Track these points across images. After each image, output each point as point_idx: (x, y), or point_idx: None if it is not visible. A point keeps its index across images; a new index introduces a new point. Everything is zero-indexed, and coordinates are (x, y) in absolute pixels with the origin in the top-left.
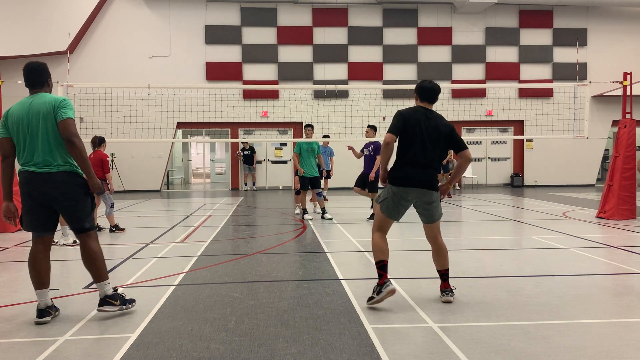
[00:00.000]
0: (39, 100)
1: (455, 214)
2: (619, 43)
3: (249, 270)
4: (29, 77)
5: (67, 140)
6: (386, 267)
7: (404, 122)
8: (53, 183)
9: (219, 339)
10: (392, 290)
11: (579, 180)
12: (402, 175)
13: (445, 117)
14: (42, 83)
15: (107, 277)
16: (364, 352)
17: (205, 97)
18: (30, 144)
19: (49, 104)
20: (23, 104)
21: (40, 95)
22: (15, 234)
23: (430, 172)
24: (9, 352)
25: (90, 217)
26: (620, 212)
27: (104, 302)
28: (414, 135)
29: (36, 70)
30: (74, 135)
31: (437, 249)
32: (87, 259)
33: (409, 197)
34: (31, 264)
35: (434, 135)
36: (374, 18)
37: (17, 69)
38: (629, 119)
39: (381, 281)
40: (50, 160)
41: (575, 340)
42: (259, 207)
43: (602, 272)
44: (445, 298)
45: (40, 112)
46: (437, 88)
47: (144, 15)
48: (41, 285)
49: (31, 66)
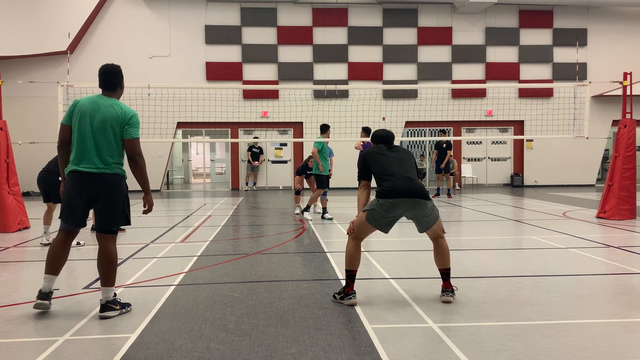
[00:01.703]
0: (109, 103)
1: (455, 214)
2: (619, 43)
3: (249, 270)
4: (104, 79)
5: (132, 158)
6: (354, 277)
7: (368, 162)
8: (104, 183)
9: (219, 339)
10: (353, 303)
11: (579, 180)
12: (389, 187)
13: (445, 117)
14: (113, 86)
15: (115, 283)
16: (364, 352)
17: (205, 97)
18: (88, 142)
19: (119, 112)
20: (93, 101)
21: (111, 99)
22: (15, 234)
23: (416, 182)
24: (9, 352)
25: (123, 220)
26: (620, 212)
27: (105, 307)
28: (385, 160)
29: (111, 73)
30: (139, 154)
31: (437, 247)
32: (104, 261)
33: (398, 211)
34: (54, 250)
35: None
36: (374, 18)
37: (17, 69)
38: (629, 119)
39: (347, 290)
40: (106, 160)
41: (575, 340)
42: (259, 207)
43: (602, 272)
44: (445, 298)
45: (108, 116)
46: (391, 135)
47: (144, 15)
48: (54, 271)
49: (107, 68)
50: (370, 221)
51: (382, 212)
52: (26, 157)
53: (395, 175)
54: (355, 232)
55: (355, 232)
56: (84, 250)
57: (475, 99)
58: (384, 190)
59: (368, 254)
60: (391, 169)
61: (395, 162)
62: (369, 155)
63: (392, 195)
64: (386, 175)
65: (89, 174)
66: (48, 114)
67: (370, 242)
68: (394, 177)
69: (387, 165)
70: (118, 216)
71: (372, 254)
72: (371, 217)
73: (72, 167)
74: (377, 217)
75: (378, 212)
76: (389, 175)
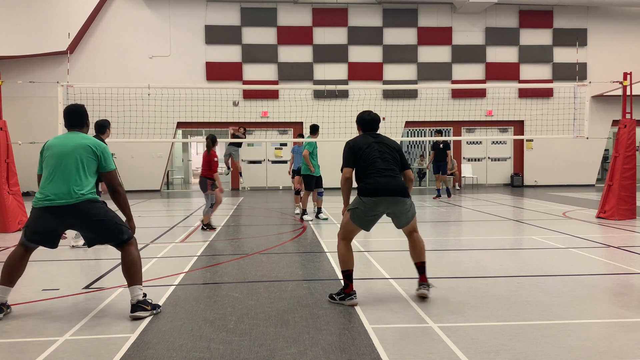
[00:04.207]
0: (78, 136)
1: (455, 214)
2: (619, 43)
3: (249, 270)
4: (69, 118)
5: (114, 189)
6: (352, 276)
7: (354, 151)
8: (81, 212)
9: (219, 339)
10: (354, 303)
11: (579, 180)
12: (371, 185)
13: (445, 117)
14: (80, 123)
15: (142, 281)
16: (364, 352)
17: (205, 97)
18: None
19: (90, 143)
20: (61, 137)
21: (80, 133)
22: (16, 234)
23: (398, 179)
24: (9, 352)
25: (124, 227)
26: (620, 212)
27: (137, 307)
28: (370, 153)
29: (76, 112)
30: (119, 184)
31: (413, 242)
32: (129, 266)
33: (380, 208)
34: (12, 261)
35: (388, 148)
36: (374, 18)
37: (17, 69)
38: (629, 119)
39: (347, 290)
40: (78, 189)
41: (575, 340)
42: (259, 207)
43: (602, 272)
44: (421, 291)
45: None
46: (377, 119)
47: (144, 15)
48: (9, 282)
49: (71, 109)
50: (355, 221)
51: (365, 210)
52: (26, 157)
53: (379, 173)
54: (343, 233)
55: (343, 232)
56: (83, 250)
57: (475, 99)
58: (366, 188)
59: (368, 254)
60: (375, 165)
61: (379, 157)
62: (356, 145)
63: (374, 194)
64: (369, 171)
65: (62, 207)
66: (48, 114)
67: (370, 242)
68: (377, 174)
69: (372, 161)
70: (114, 230)
71: (372, 254)
72: (355, 216)
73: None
74: (361, 216)
75: (361, 210)
76: (373, 171)
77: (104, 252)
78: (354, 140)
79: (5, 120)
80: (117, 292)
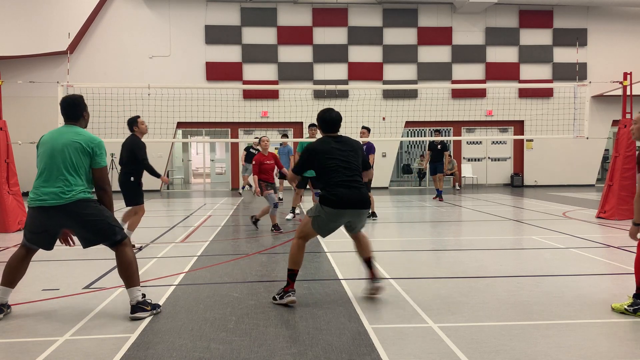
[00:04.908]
0: (72, 130)
1: (455, 214)
2: (619, 43)
3: (249, 270)
4: (65, 110)
5: (102, 188)
6: (295, 277)
7: (312, 159)
8: (72, 213)
9: (219, 339)
10: (292, 300)
11: (579, 180)
12: (335, 197)
13: (445, 117)
14: (75, 116)
15: (139, 282)
16: (364, 352)
17: (205, 97)
18: (50, 171)
19: (83, 139)
20: (55, 131)
21: (74, 127)
22: (15, 234)
23: (363, 190)
24: (9, 352)
25: (117, 228)
26: (620, 212)
27: (136, 308)
28: (332, 162)
29: (72, 104)
30: (108, 183)
31: (359, 240)
32: (124, 267)
33: (342, 220)
34: (13, 262)
35: (352, 150)
36: (374, 18)
37: (17, 69)
38: (629, 119)
39: (287, 288)
40: (70, 188)
41: (575, 340)
42: (258, 207)
43: (602, 272)
44: (374, 286)
45: (69, 142)
46: (337, 119)
47: (144, 15)
48: (10, 283)
49: (66, 100)
50: (315, 227)
51: (326, 220)
52: (26, 157)
53: (343, 185)
54: (301, 232)
55: (301, 231)
56: (83, 250)
57: (475, 99)
58: (329, 199)
59: None
60: (339, 176)
61: (343, 166)
62: (317, 153)
63: (337, 206)
64: (333, 182)
65: (53, 207)
66: (48, 114)
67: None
68: (341, 187)
69: (335, 169)
70: (108, 231)
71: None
72: (316, 225)
73: (36, 204)
74: (322, 225)
75: (323, 220)
76: (337, 183)
77: (104, 252)
78: (314, 147)
79: (5, 120)
80: (117, 292)
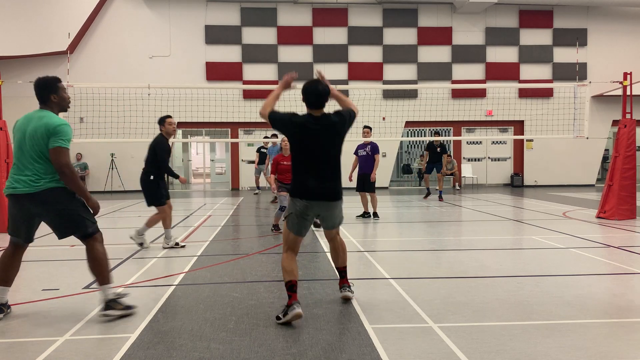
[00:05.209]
0: (40, 115)
1: (455, 214)
2: (619, 43)
3: (249, 270)
4: (35, 92)
5: (59, 170)
6: (295, 288)
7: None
8: (42, 202)
9: (219, 338)
10: (297, 313)
11: (579, 180)
12: (302, 187)
13: (445, 117)
14: (43, 99)
15: (111, 280)
16: (364, 352)
17: (205, 97)
18: (21, 158)
19: (47, 123)
20: (26, 117)
21: (44, 112)
22: None
23: (333, 183)
24: (8, 352)
25: (88, 221)
26: (620, 212)
27: (107, 306)
28: (308, 145)
29: (39, 85)
30: (65, 165)
31: (335, 247)
32: (93, 263)
33: (311, 212)
34: (3, 260)
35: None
36: (374, 18)
37: (17, 69)
38: (629, 119)
39: (289, 302)
40: (40, 176)
41: (575, 340)
42: (259, 207)
43: (602, 272)
44: (344, 294)
45: (36, 128)
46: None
47: (144, 15)
48: (4, 282)
49: (36, 82)
50: (290, 227)
51: (296, 213)
52: None
53: (313, 174)
54: (285, 245)
55: (285, 244)
56: (83, 250)
57: (475, 99)
58: (297, 189)
59: (368, 254)
60: (309, 162)
61: (315, 149)
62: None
63: (304, 196)
64: (302, 168)
65: (24, 195)
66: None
67: (370, 242)
68: (310, 175)
69: (308, 155)
70: (78, 221)
71: (372, 254)
72: (291, 224)
73: (9, 191)
74: (294, 223)
75: (294, 215)
76: (306, 169)
77: None
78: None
79: (5, 120)
80: (120, 292)
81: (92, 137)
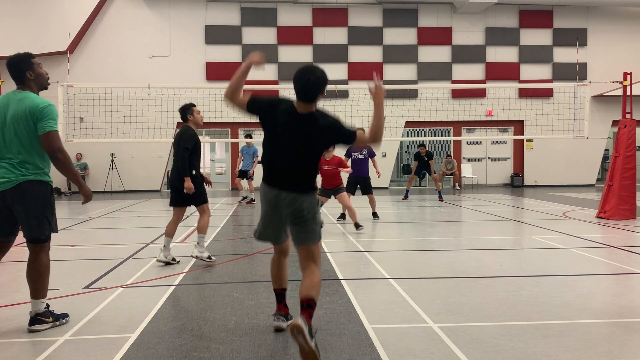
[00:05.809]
0: (19, 97)
1: (455, 214)
2: (619, 43)
3: (249, 270)
4: (9, 72)
5: (52, 155)
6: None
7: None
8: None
9: (219, 339)
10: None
11: (579, 180)
12: (265, 171)
13: (445, 117)
14: (19, 78)
15: (46, 295)
16: (364, 352)
17: (205, 97)
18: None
19: (29, 105)
20: (4, 98)
21: (22, 92)
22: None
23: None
24: (8, 352)
25: (47, 228)
26: (620, 212)
27: (35, 320)
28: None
29: (12, 64)
30: (59, 150)
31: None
32: (33, 273)
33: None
34: None
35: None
36: (374, 18)
37: None
38: (629, 119)
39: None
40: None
41: (575, 340)
42: (258, 207)
43: (602, 272)
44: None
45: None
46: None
47: (144, 15)
48: None
49: (8, 60)
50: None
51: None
52: None
53: (278, 161)
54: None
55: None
56: (83, 250)
57: (475, 99)
58: (264, 173)
59: (368, 254)
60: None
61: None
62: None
63: (265, 180)
64: (268, 158)
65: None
66: None
67: (370, 242)
68: (275, 163)
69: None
70: (38, 224)
71: (372, 254)
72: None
73: None
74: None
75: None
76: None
77: (104, 252)
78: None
79: None
80: (117, 292)
81: (92, 137)
